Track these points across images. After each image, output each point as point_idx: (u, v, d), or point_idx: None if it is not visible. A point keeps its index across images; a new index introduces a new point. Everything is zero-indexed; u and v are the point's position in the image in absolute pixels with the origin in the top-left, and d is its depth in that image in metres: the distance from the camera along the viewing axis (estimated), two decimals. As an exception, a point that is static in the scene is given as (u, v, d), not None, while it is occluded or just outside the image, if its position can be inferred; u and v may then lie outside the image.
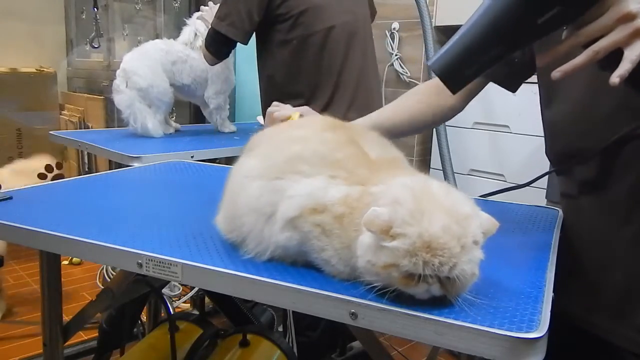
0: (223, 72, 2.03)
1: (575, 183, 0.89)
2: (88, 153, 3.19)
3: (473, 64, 0.66)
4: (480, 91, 1.06)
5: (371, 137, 0.76)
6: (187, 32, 2.01)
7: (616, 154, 0.81)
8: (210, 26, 1.80)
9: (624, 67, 0.60)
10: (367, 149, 0.71)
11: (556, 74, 0.64)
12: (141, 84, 1.87)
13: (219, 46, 1.79)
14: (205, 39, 1.81)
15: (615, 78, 0.60)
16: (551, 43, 0.65)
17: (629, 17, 0.58)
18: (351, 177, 0.65)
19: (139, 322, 1.59)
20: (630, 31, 0.58)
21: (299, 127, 0.79)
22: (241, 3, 1.69)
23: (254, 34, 1.81)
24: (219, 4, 1.79)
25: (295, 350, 1.65)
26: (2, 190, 1.02)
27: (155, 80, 1.89)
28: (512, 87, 1.03)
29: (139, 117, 1.89)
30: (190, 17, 2.08)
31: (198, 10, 2.08)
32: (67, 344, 1.10)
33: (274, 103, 1.22)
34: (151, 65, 1.90)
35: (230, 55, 1.97)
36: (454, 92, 0.70)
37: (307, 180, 0.66)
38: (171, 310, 1.29)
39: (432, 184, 0.61)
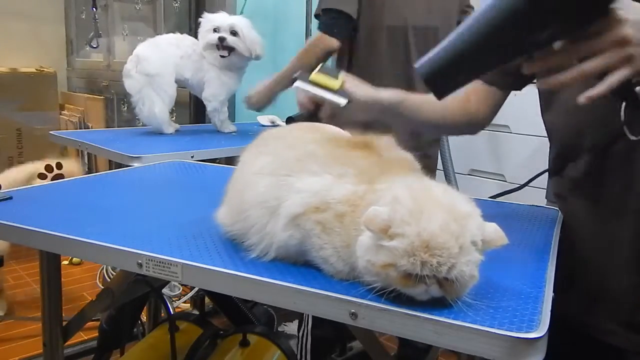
0: (219, 78, 2.03)
1: (566, 184, 0.90)
2: (88, 153, 3.19)
3: (461, 72, 0.64)
4: (504, 102, 1.03)
5: (386, 141, 0.76)
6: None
7: (605, 156, 0.81)
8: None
9: (598, 89, 0.59)
10: (382, 150, 0.71)
11: (541, 85, 0.65)
12: (149, 71, 1.92)
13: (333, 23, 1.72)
14: (320, 24, 1.76)
15: (582, 98, 0.60)
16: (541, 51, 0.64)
17: (624, 42, 0.57)
18: (360, 176, 0.65)
19: (139, 322, 1.59)
20: (622, 56, 0.58)
21: (315, 130, 0.78)
22: None
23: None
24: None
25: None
26: (2, 190, 1.02)
27: (163, 71, 1.94)
28: (518, 88, 1.03)
29: (147, 102, 1.93)
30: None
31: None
32: (67, 344, 1.09)
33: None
34: (162, 56, 1.95)
35: (234, 61, 2.00)
36: (439, 98, 0.68)
37: (313, 179, 0.66)
38: (171, 310, 1.29)
39: (431, 184, 0.61)
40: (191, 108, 2.84)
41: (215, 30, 1.96)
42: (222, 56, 1.96)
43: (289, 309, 0.62)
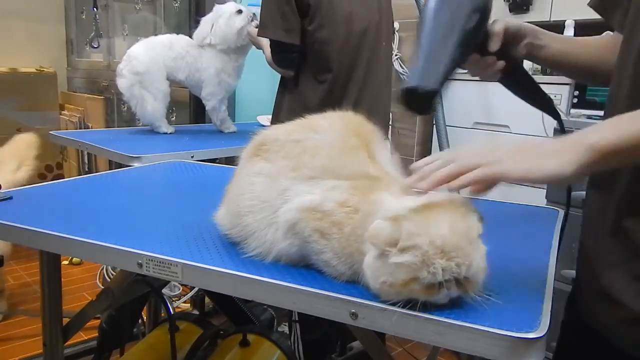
0: (217, 76, 2.03)
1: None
2: (88, 153, 3.19)
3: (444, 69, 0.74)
4: None
5: (385, 151, 0.75)
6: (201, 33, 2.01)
7: None
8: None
9: None
10: (380, 160, 0.71)
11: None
12: (138, 69, 1.94)
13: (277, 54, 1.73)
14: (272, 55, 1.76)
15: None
16: None
17: None
18: (356, 186, 0.64)
19: (139, 322, 1.59)
20: None
21: (319, 131, 0.74)
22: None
23: None
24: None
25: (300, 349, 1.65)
26: (2, 190, 1.02)
27: (151, 69, 1.96)
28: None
29: (139, 100, 1.96)
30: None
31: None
32: (67, 344, 1.10)
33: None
34: (152, 55, 1.97)
35: (233, 60, 2.01)
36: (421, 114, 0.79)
37: (310, 186, 0.66)
38: (171, 310, 1.29)
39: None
40: (191, 108, 2.84)
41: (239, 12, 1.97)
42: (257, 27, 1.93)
43: (289, 309, 0.62)
